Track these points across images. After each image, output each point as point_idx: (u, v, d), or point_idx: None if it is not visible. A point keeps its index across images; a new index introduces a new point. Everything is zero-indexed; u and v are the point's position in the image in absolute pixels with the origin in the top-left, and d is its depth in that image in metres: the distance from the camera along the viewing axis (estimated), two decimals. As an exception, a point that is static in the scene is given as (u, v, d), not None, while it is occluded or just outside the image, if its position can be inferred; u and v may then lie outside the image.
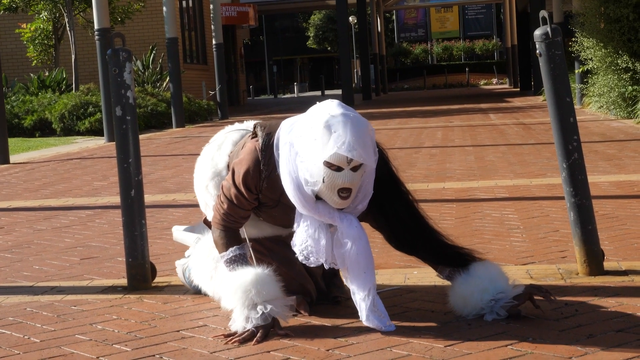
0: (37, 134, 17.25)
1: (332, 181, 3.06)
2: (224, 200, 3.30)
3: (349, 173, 3.05)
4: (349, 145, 3.00)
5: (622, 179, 6.78)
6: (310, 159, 3.08)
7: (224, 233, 3.30)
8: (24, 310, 3.70)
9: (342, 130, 3.02)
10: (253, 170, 3.24)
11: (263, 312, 3.11)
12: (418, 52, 60.56)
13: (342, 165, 3.03)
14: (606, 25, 13.79)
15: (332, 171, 3.05)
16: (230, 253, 3.27)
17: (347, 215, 3.18)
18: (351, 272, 3.19)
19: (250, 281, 3.13)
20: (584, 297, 3.38)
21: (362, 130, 3.05)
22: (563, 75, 3.74)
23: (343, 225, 3.17)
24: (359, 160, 3.03)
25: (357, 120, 3.07)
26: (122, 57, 3.92)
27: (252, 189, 3.26)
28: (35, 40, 21.34)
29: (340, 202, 3.11)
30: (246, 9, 35.59)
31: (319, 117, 3.09)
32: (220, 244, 3.31)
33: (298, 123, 3.20)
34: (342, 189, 3.07)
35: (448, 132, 13.09)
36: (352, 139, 3.01)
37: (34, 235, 5.73)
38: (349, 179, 3.05)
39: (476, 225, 5.14)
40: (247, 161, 3.25)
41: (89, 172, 9.69)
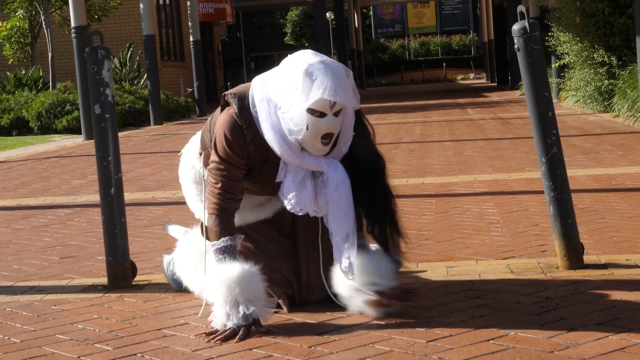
0: (14, 133, 17.16)
1: (316, 127, 3.13)
2: (215, 178, 3.29)
3: (331, 118, 3.14)
4: (332, 90, 3.08)
5: (600, 172, 6.82)
6: (293, 109, 3.14)
7: (218, 219, 3.27)
8: (3, 311, 3.67)
9: (324, 76, 3.10)
10: (235, 135, 3.26)
11: (244, 312, 3.10)
12: (395, 48, 60.62)
13: (326, 110, 3.12)
14: (582, 20, 13.86)
15: (316, 117, 3.12)
16: (221, 243, 3.24)
17: (332, 160, 3.26)
18: (332, 215, 3.27)
19: (235, 278, 3.12)
20: (565, 291, 3.39)
21: (342, 75, 3.14)
22: (541, 70, 3.75)
23: (329, 169, 3.25)
24: (343, 103, 3.13)
25: (335, 65, 3.16)
26: (101, 55, 3.90)
27: (239, 152, 3.27)
28: (11, 39, 21.21)
29: (322, 147, 3.20)
30: (223, 5, 35.52)
31: (296, 66, 3.16)
32: (213, 232, 3.28)
33: (272, 77, 3.26)
34: (325, 135, 3.16)
35: (426, 127, 13.11)
36: (333, 83, 3.09)
37: (12, 234, 5.70)
38: (332, 124, 3.15)
39: (456, 220, 5.15)
40: (227, 129, 3.27)
41: (67, 171, 9.65)
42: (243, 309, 3.10)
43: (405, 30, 65.12)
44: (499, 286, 3.53)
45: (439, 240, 4.60)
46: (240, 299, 3.11)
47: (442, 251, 4.32)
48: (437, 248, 4.40)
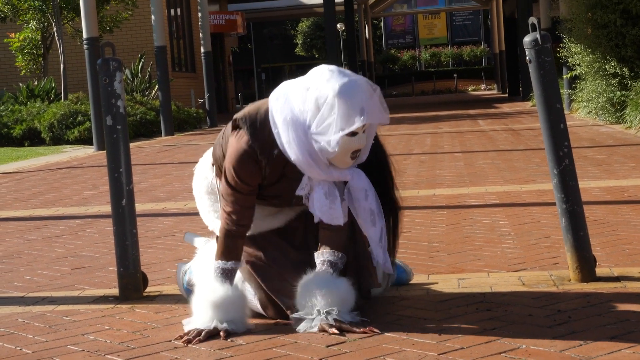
0: (26, 144, 17.21)
1: (348, 146, 3.15)
2: (225, 203, 3.32)
3: (362, 136, 3.19)
4: (368, 113, 3.12)
5: (612, 184, 6.80)
6: (329, 133, 3.13)
7: (226, 241, 3.32)
8: (15, 321, 3.68)
9: (359, 99, 3.11)
10: (246, 166, 3.26)
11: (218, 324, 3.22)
12: (406, 59, 60.64)
13: (358, 130, 3.15)
14: (594, 31, 13.84)
15: (348, 137, 3.14)
16: (220, 264, 3.32)
17: (355, 169, 3.31)
18: (364, 221, 3.35)
19: (222, 297, 3.24)
20: (577, 304, 3.38)
21: (370, 92, 3.16)
22: (553, 82, 3.75)
23: (354, 179, 3.30)
24: (375, 122, 3.20)
25: (362, 83, 3.16)
26: (112, 67, 3.91)
27: (250, 181, 3.29)
28: (23, 50, 21.29)
29: (351, 162, 3.24)
30: (234, 16, 35.61)
31: (327, 88, 3.12)
32: (219, 251, 3.34)
33: (295, 95, 3.21)
34: (355, 151, 3.20)
35: (437, 138, 13.10)
36: (367, 105, 3.13)
37: (24, 245, 5.71)
38: (362, 141, 3.19)
39: (467, 232, 5.14)
40: (237, 161, 3.26)
41: (78, 182, 9.67)
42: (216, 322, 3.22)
43: (416, 41, 65.14)
44: (510, 299, 3.52)
45: (450, 252, 4.60)
46: (220, 316, 3.23)
47: (453, 263, 4.31)
48: (448, 260, 4.39)
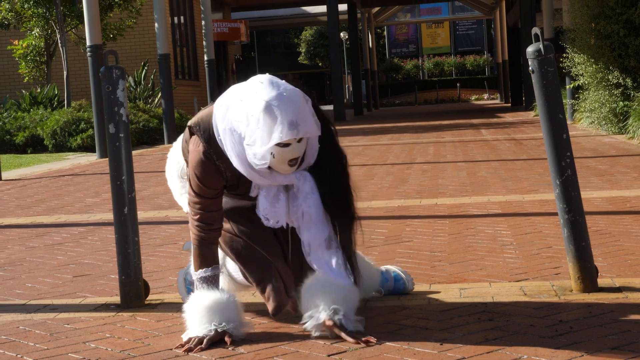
0: (28, 151, 17.23)
1: (282, 156, 3.19)
2: (193, 212, 3.40)
3: (296, 146, 3.19)
4: (293, 125, 3.12)
5: (615, 194, 6.79)
6: (256, 145, 3.18)
7: (199, 250, 3.39)
8: (16, 329, 3.68)
9: (284, 113, 3.12)
10: (207, 172, 3.35)
11: (216, 328, 3.22)
12: (409, 68, 60.73)
13: (290, 142, 3.16)
14: (597, 41, 13.84)
15: (281, 148, 3.17)
16: (200, 273, 3.38)
17: (301, 172, 3.34)
18: (303, 225, 3.36)
19: (213, 301, 3.27)
20: (579, 314, 3.38)
21: (300, 104, 3.17)
22: (556, 92, 3.75)
23: (299, 182, 3.34)
24: (305, 135, 3.17)
25: (292, 94, 3.17)
26: (116, 75, 3.92)
27: (214, 185, 3.37)
28: (27, 57, 21.32)
29: (290, 169, 3.27)
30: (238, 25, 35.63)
31: (255, 102, 3.16)
32: (196, 262, 3.40)
33: (233, 106, 3.27)
34: (292, 159, 3.22)
35: (440, 147, 13.10)
36: (294, 117, 3.13)
37: (26, 252, 5.71)
38: (297, 151, 3.21)
39: (469, 242, 5.13)
40: (198, 169, 3.35)
41: (81, 189, 9.67)
42: (215, 324, 3.23)
43: (419, 50, 65.23)
44: (512, 309, 3.51)
45: (452, 261, 4.59)
46: (216, 320, 3.24)
47: (455, 273, 4.31)
48: (450, 269, 4.39)
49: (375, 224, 5.97)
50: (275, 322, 3.52)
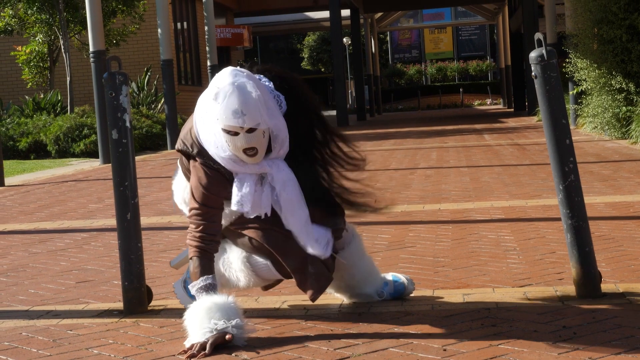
0: (32, 156, 17.24)
1: (234, 144, 3.35)
2: (195, 224, 3.48)
3: (245, 136, 3.33)
4: (236, 113, 3.28)
5: (618, 199, 6.79)
6: (211, 131, 3.39)
7: (199, 261, 3.44)
8: (19, 335, 3.68)
9: (228, 100, 3.29)
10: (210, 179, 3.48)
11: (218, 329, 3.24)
12: (412, 73, 60.72)
13: (237, 130, 3.32)
14: (599, 46, 13.84)
15: (231, 136, 3.34)
16: (200, 282, 3.42)
17: (274, 161, 3.48)
18: (286, 211, 3.48)
19: (212, 302, 3.31)
20: (582, 320, 3.37)
21: (247, 95, 3.30)
22: (559, 97, 3.75)
23: (273, 170, 3.47)
24: (249, 125, 3.30)
25: (241, 86, 3.31)
26: (119, 81, 3.92)
27: (219, 192, 3.48)
28: (30, 63, 21.34)
29: (250, 159, 3.41)
30: (241, 30, 35.67)
31: (209, 90, 3.37)
32: (194, 272, 3.45)
33: (200, 101, 3.47)
34: (246, 149, 3.36)
35: (443, 153, 13.10)
36: (237, 105, 3.28)
37: (29, 258, 5.71)
38: (248, 140, 3.34)
39: (472, 247, 5.13)
40: (201, 178, 3.48)
41: (84, 195, 9.67)
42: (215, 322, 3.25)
43: (422, 55, 65.22)
44: (515, 314, 3.51)
45: (455, 267, 4.59)
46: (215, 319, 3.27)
47: (458, 278, 4.30)
48: (454, 275, 4.39)
49: (378, 230, 5.97)
50: (278, 327, 3.52)
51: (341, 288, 3.85)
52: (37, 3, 19.74)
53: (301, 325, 3.53)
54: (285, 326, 3.53)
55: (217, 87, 3.33)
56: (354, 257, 3.75)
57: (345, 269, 3.75)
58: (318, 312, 3.74)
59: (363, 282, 3.80)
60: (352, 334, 3.34)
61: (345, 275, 3.78)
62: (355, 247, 3.76)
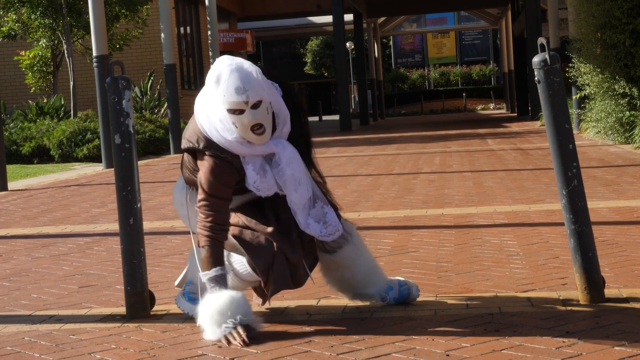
0: (35, 161, 17.25)
1: (241, 123, 3.47)
2: (204, 214, 3.57)
3: (251, 112, 3.46)
4: (239, 89, 3.42)
5: (621, 204, 6.78)
6: (216, 115, 3.50)
7: (210, 250, 3.55)
8: (22, 340, 3.68)
9: (229, 79, 3.44)
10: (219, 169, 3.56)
11: (233, 322, 3.38)
12: (415, 78, 60.74)
13: (242, 107, 3.45)
14: (603, 51, 13.84)
15: (237, 115, 3.46)
16: (213, 272, 3.53)
17: (279, 140, 3.61)
18: (288, 188, 3.59)
19: (226, 303, 3.41)
20: (586, 325, 3.36)
21: (246, 72, 3.46)
22: (562, 102, 3.74)
23: (278, 149, 3.59)
24: (253, 99, 3.43)
25: (239, 66, 3.47)
26: (121, 85, 3.92)
27: (230, 182, 3.59)
28: (33, 67, 21.37)
29: (258, 137, 3.52)
30: (244, 35, 35.69)
31: (210, 77, 3.52)
32: (205, 262, 3.56)
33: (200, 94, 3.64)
34: (254, 126, 3.48)
35: (446, 157, 13.09)
36: (238, 82, 3.43)
37: (32, 263, 5.71)
38: (254, 116, 3.46)
39: (475, 252, 5.12)
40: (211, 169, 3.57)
41: (87, 199, 9.68)
42: (232, 320, 3.39)
43: (425, 60, 65.25)
44: (519, 319, 3.50)
45: (458, 272, 4.58)
46: (234, 317, 3.40)
47: (461, 283, 4.30)
48: (457, 280, 4.38)
49: (381, 234, 5.96)
50: (281, 332, 3.51)
51: (343, 288, 3.87)
52: (40, 8, 19.78)
53: (304, 330, 3.53)
54: (288, 331, 3.52)
55: (217, 71, 3.48)
56: (352, 255, 3.78)
57: (344, 267, 3.78)
58: (321, 317, 3.73)
59: (365, 282, 3.81)
60: (355, 339, 3.33)
61: (346, 274, 3.79)
62: (354, 245, 3.79)
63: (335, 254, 3.76)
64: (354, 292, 3.86)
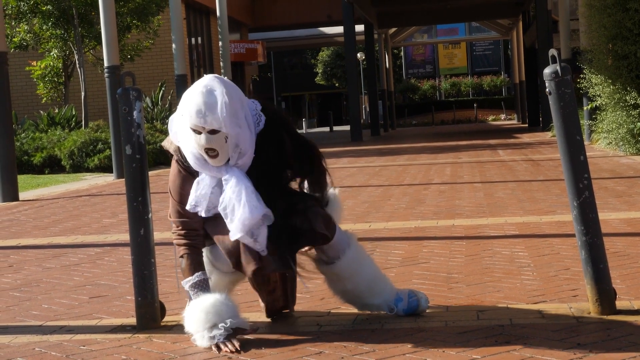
0: (46, 171, 17.29)
1: (198, 142, 3.56)
2: (176, 224, 3.72)
3: (207, 136, 3.53)
4: (199, 112, 3.49)
5: (633, 216, 6.75)
6: (184, 125, 3.60)
7: (190, 258, 3.68)
8: (32, 350, 3.68)
9: (195, 100, 3.51)
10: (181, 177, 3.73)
11: (224, 327, 3.46)
12: (426, 88, 60.73)
13: (199, 129, 3.53)
14: (614, 62, 13.82)
15: (196, 134, 3.55)
16: (195, 278, 3.64)
17: (232, 169, 3.64)
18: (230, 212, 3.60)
19: (210, 305, 3.50)
20: (597, 337, 3.35)
21: (212, 100, 3.50)
22: (573, 114, 3.73)
23: (227, 175, 3.64)
24: (210, 126, 3.50)
25: (211, 90, 3.52)
26: (132, 96, 3.93)
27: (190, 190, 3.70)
28: (45, 78, 21.44)
29: (211, 160, 3.61)
30: (255, 45, 35.77)
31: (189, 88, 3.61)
32: (186, 270, 3.67)
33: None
34: (207, 149, 3.56)
35: (457, 168, 13.08)
36: (201, 106, 3.49)
37: (42, 273, 5.72)
38: (207, 141, 3.54)
39: (486, 263, 5.11)
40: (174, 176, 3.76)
41: (98, 209, 9.69)
42: (222, 325, 3.47)
43: (436, 70, 65.27)
44: (530, 331, 3.49)
45: (469, 283, 4.57)
46: (216, 319, 3.47)
47: (472, 294, 4.29)
48: (467, 291, 4.37)
49: (391, 245, 5.96)
50: (291, 343, 3.51)
51: (349, 299, 3.89)
52: (52, 18, 19.87)
53: (314, 342, 3.52)
54: (298, 342, 3.52)
55: (192, 87, 3.57)
56: (352, 265, 3.79)
57: (345, 279, 3.80)
58: (331, 329, 3.73)
59: (369, 292, 3.81)
60: (365, 350, 3.32)
61: (348, 285, 3.80)
62: (352, 255, 3.79)
63: (334, 265, 3.78)
64: (361, 303, 3.87)
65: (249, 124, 3.62)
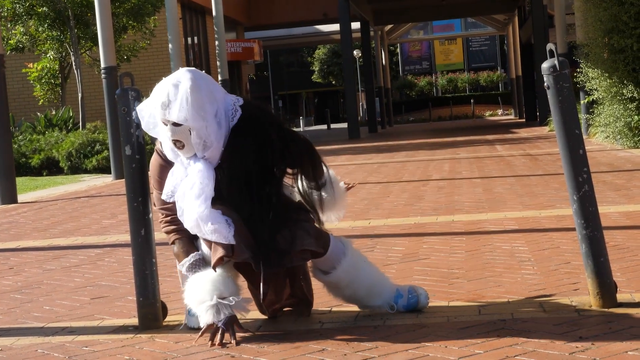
0: (44, 173, 17.28)
1: (165, 133, 3.66)
2: (162, 213, 3.79)
3: (172, 127, 3.62)
4: (163, 104, 3.59)
5: (632, 209, 6.76)
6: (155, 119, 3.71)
7: (181, 242, 3.73)
8: (35, 352, 3.68)
9: (161, 92, 3.62)
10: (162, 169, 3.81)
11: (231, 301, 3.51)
12: (423, 85, 60.75)
13: (164, 121, 3.63)
14: (610, 56, 13.82)
15: (163, 125, 3.65)
16: (190, 258, 3.69)
17: (197, 159, 3.67)
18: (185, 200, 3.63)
19: (211, 279, 3.54)
20: (598, 330, 3.36)
21: (176, 94, 3.58)
22: (571, 108, 3.74)
23: (189, 165, 3.69)
24: (172, 119, 3.58)
25: (176, 85, 3.59)
26: (131, 96, 3.94)
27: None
28: (41, 80, 21.43)
29: (179, 151, 3.68)
30: (251, 44, 35.73)
31: None
32: (180, 253, 3.73)
33: None
34: (173, 141, 3.65)
35: (455, 164, 13.09)
36: (165, 98, 3.59)
37: (43, 275, 5.72)
38: (172, 132, 3.62)
39: (487, 258, 5.12)
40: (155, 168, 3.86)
41: (97, 211, 9.69)
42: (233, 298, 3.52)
43: (432, 67, 65.26)
44: (531, 325, 3.50)
45: (469, 278, 4.58)
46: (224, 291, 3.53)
47: (473, 290, 4.29)
48: (468, 286, 4.38)
49: (391, 242, 5.96)
50: (294, 340, 3.51)
51: (350, 301, 3.93)
52: (48, 20, 19.84)
53: (317, 338, 3.53)
54: (301, 339, 3.52)
55: (166, 79, 3.64)
56: (349, 273, 3.80)
57: (344, 286, 3.83)
58: (333, 325, 3.73)
59: (368, 296, 3.83)
60: (367, 347, 3.33)
61: (347, 292, 3.83)
62: (349, 263, 3.79)
63: (331, 275, 3.79)
64: (360, 304, 3.90)
65: (220, 119, 3.64)
